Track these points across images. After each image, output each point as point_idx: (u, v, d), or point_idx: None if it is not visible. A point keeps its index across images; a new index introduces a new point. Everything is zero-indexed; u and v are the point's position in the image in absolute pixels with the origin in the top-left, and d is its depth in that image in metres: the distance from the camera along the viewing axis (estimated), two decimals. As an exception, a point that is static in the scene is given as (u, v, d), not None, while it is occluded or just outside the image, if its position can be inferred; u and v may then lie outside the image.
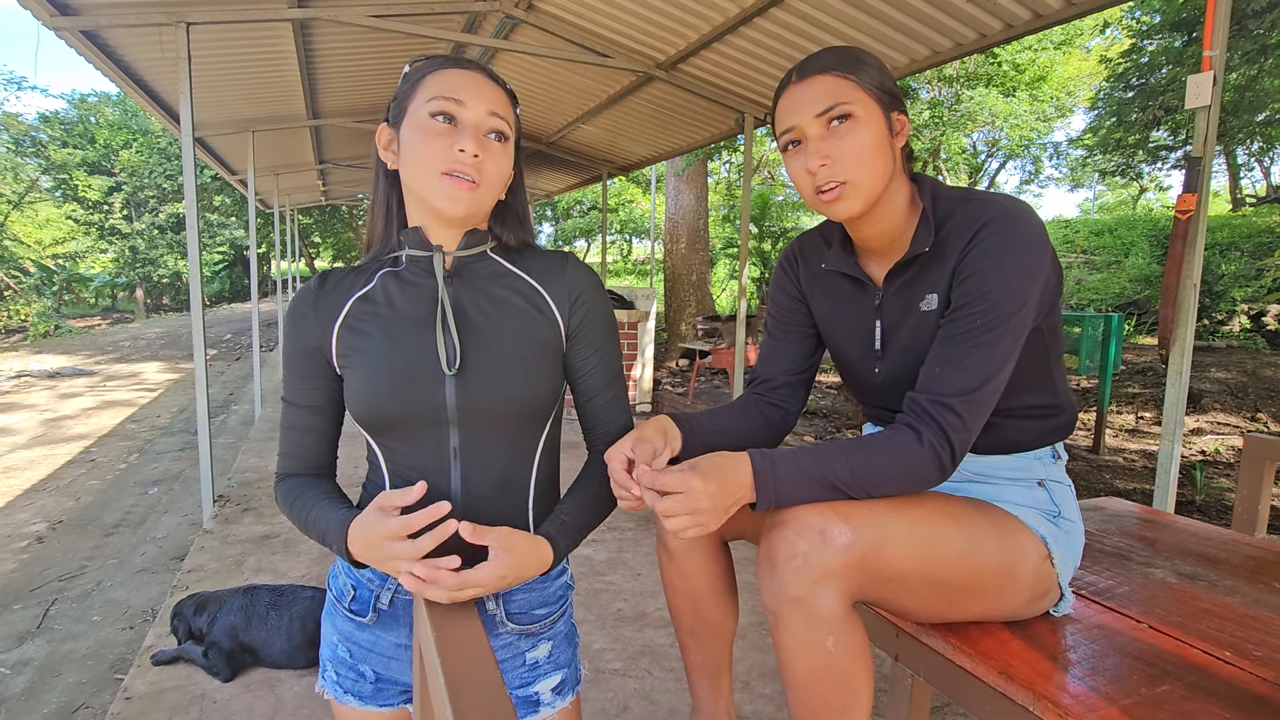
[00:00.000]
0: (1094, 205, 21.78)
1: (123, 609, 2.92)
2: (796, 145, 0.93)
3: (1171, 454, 2.22)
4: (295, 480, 0.86)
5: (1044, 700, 0.83)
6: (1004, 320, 0.85)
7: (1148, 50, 6.95)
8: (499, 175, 0.81)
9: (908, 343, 0.96)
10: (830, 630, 0.81)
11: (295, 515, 0.84)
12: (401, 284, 0.84)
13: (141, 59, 4.02)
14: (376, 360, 0.80)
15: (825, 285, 1.08)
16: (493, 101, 0.80)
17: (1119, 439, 5.11)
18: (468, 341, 0.81)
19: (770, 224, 11.66)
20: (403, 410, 0.80)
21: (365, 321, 0.82)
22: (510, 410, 0.82)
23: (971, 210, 0.90)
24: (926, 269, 0.93)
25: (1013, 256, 0.86)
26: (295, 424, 0.86)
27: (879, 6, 3.15)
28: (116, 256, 21.36)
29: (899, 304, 0.97)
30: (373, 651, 0.86)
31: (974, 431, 0.86)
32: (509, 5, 4.03)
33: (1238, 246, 8.91)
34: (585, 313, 0.87)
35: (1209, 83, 2.08)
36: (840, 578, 0.81)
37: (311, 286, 0.86)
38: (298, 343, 0.84)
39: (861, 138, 0.89)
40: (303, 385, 0.85)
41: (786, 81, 0.94)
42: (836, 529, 0.80)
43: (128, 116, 21.05)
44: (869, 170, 0.89)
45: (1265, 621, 1.01)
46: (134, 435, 6.16)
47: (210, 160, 7.07)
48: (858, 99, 0.89)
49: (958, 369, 0.85)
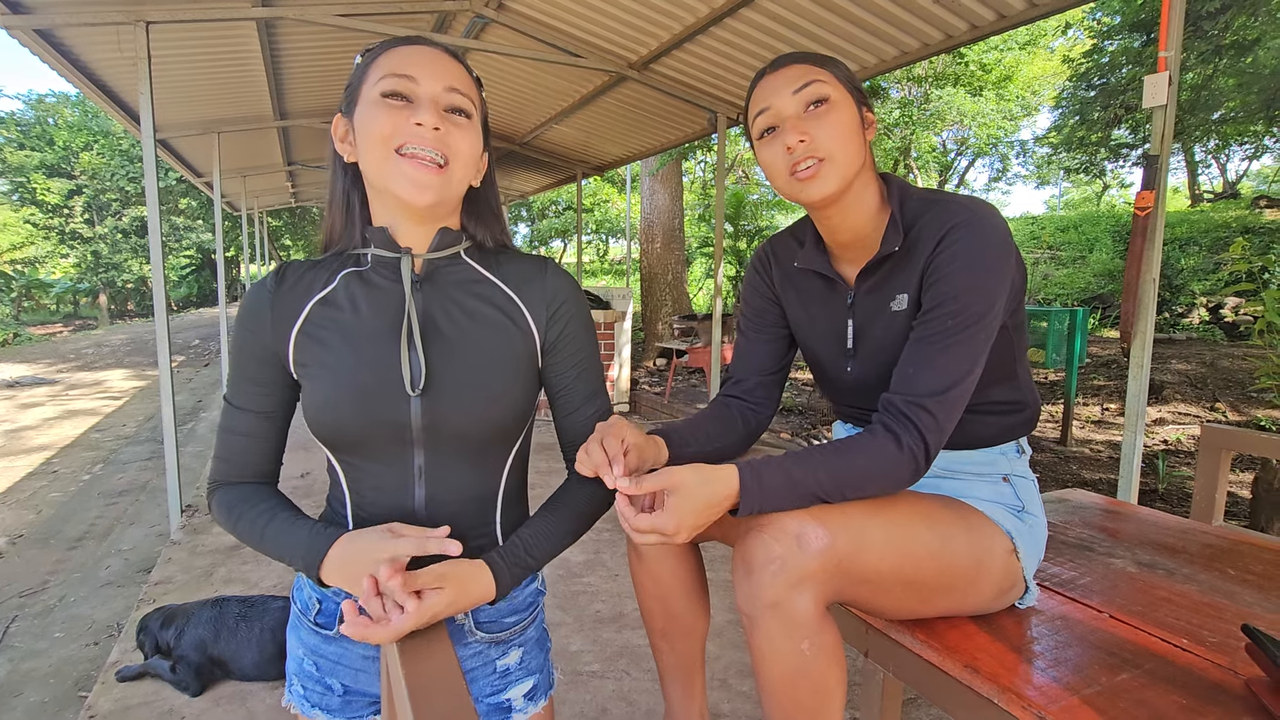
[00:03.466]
0: (1059, 202, 22.27)
1: (87, 624, 2.84)
2: (772, 132, 0.94)
3: (1134, 444, 2.28)
4: (237, 489, 0.80)
5: (1008, 693, 0.84)
6: (974, 321, 0.87)
7: (1108, 50, 7.13)
8: (468, 153, 0.74)
9: (879, 342, 0.98)
10: (806, 634, 0.82)
11: (243, 527, 0.77)
12: (366, 287, 0.78)
13: (99, 59, 3.91)
14: (337, 374, 0.75)
15: (798, 285, 1.09)
16: (450, 77, 0.73)
17: (1085, 430, 5.23)
18: (436, 357, 0.76)
19: (745, 223, 11.72)
20: (364, 429, 0.75)
21: (326, 329, 0.76)
22: (479, 430, 0.78)
23: (938, 213, 0.92)
24: (897, 269, 0.95)
25: (980, 259, 0.88)
26: (239, 428, 0.80)
27: (847, 7, 3.19)
28: (78, 261, 20.78)
29: (870, 303, 0.98)
30: (340, 664, 0.84)
31: (947, 431, 0.87)
32: (479, 4, 4.00)
33: (1196, 241, 9.18)
34: (565, 325, 0.82)
35: (1165, 83, 2.13)
36: (816, 581, 0.81)
37: (268, 284, 0.79)
38: (250, 344, 0.78)
39: (840, 118, 0.91)
40: (252, 389, 0.79)
41: (760, 75, 0.96)
42: (813, 533, 0.81)
43: (88, 118, 20.48)
44: (845, 149, 0.91)
45: (1220, 608, 1.04)
46: (98, 445, 6.00)
47: (174, 162, 6.91)
48: (832, 85, 0.92)
49: (930, 370, 0.87)
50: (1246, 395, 5.48)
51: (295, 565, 0.75)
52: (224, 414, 0.81)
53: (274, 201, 11.72)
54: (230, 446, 0.81)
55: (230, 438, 0.81)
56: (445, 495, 0.79)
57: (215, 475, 0.82)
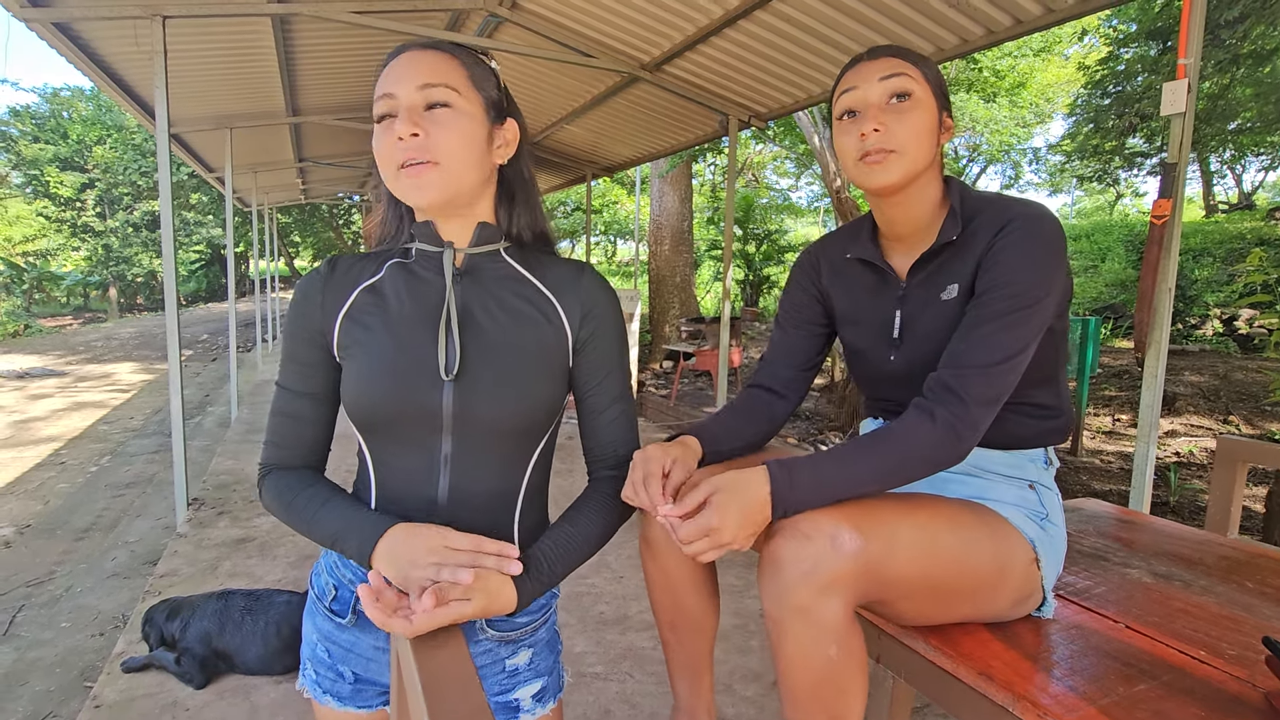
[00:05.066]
0: (1072, 210, 22.15)
1: (92, 615, 2.85)
2: (852, 116, 0.96)
3: (1147, 456, 2.25)
4: (289, 475, 0.81)
5: (1023, 700, 0.83)
6: (1030, 305, 0.89)
7: (1124, 58, 7.08)
8: (459, 142, 0.74)
9: (926, 331, 1.00)
10: (834, 639, 0.81)
11: (296, 510, 0.78)
12: (410, 277, 0.81)
13: (115, 53, 3.94)
14: (375, 356, 0.77)
15: (846, 277, 1.11)
16: (425, 73, 0.74)
17: (1096, 441, 5.19)
18: (471, 347, 0.78)
19: (754, 226, 11.72)
20: (396, 411, 0.77)
21: (369, 314, 0.79)
22: (508, 422, 0.79)
23: (998, 208, 0.95)
24: (952, 260, 0.98)
25: (1039, 250, 0.90)
26: (290, 411, 0.82)
27: (862, 10, 3.18)
28: (89, 255, 20.93)
29: (922, 294, 1.00)
30: (351, 652, 0.84)
31: (993, 406, 0.88)
32: (493, 4, 4.01)
33: (1210, 252, 9.11)
34: (597, 326, 0.84)
35: (1184, 90, 2.11)
36: (846, 585, 0.80)
37: (321, 272, 0.83)
38: (300, 328, 0.81)
39: (917, 116, 0.94)
40: (302, 371, 0.81)
41: (854, 61, 0.99)
42: (846, 535, 0.80)
43: (101, 111, 20.65)
44: (918, 147, 0.94)
45: (1238, 621, 1.03)
46: (106, 437, 6.04)
47: (186, 157, 6.96)
48: (919, 83, 0.95)
49: (982, 345, 0.89)
50: (1260, 408, 5.43)
51: (348, 547, 0.75)
52: (275, 399, 0.84)
53: (284, 198, 11.78)
54: (281, 430, 0.83)
55: (281, 420, 0.83)
56: (468, 486, 0.80)
57: (267, 459, 0.84)
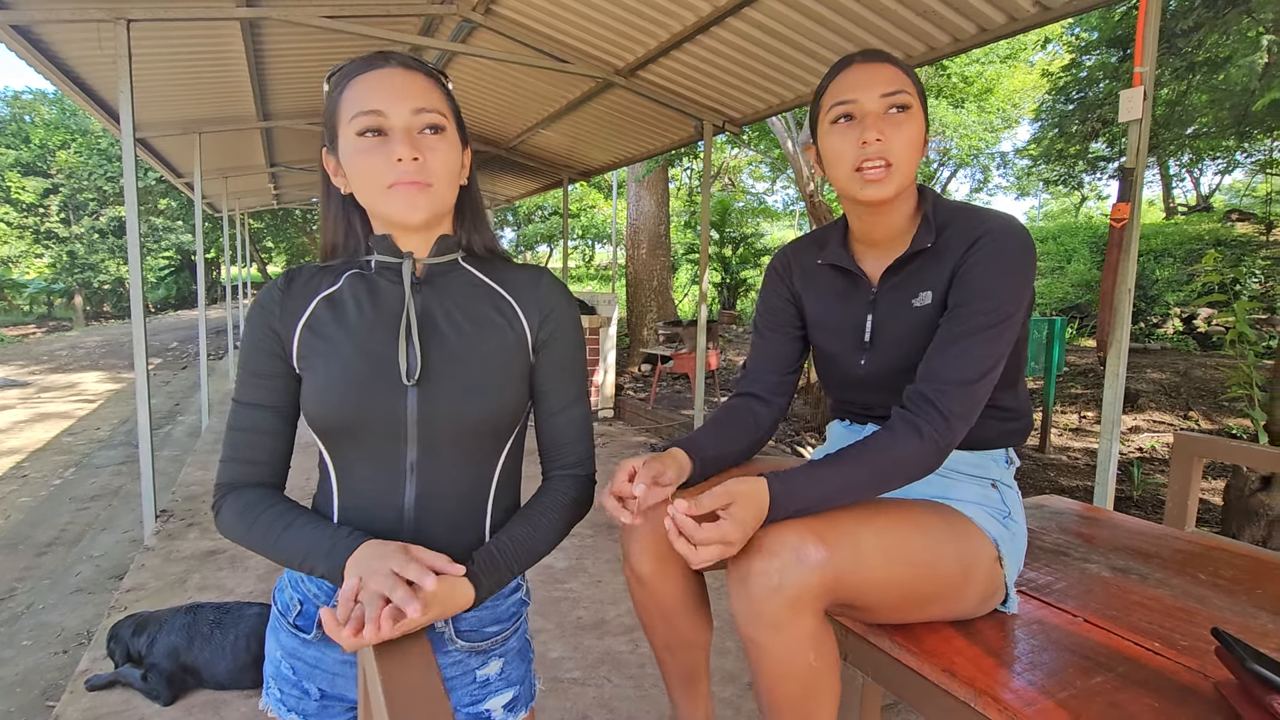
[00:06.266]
0: (1039, 213, 22.62)
1: (55, 632, 2.77)
2: (849, 120, 0.96)
3: (1110, 452, 2.32)
4: (248, 494, 0.79)
5: (985, 696, 0.85)
6: (1004, 319, 0.92)
7: (1086, 65, 7.26)
8: (447, 167, 0.78)
9: (896, 336, 1.01)
10: (812, 647, 0.83)
11: (256, 533, 0.76)
12: (369, 287, 0.82)
13: (78, 56, 3.85)
14: (336, 364, 0.77)
15: (818, 282, 1.12)
16: (415, 97, 0.76)
17: (1063, 438, 5.30)
18: (434, 352, 0.79)
19: (731, 230, 11.79)
20: (358, 419, 0.76)
21: (328, 324, 0.79)
22: (473, 426, 0.79)
23: (971, 219, 0.98)
24: (925, 267, 0.99)
25: (1012, 264, 0.93)
26: (248, 426, 0.80)
27: (833, 18, 3.23)
28: (53, 261, 20.36)
29: (893, 299, 1.02)
30: (317, 668, 0.83)
31: (971, 419, 0.91)
32: (466, 9, 3.99)
33: (1170, 253, 9.37)
34: (555, 327, 0.85)
35: (1140, 97, 2.18)
36: (815, 595, 0.82)
37: (279, 284, 0.82)
38: (258, 340, 0.80)
39: (913, 130, 0.96)
40: (260, 384, 0.80)
41: (849, 61, 0.99)
42: (811, 547, 0.81)
43: (65, 115, 20.13)
44: (911, 161, 0.96)
45: (1191, 612, 1.06)
46: (71, 449, 5.88)
47: (154, 162, 6.81)
48: (914, 96, 0.97)
49: (961, 360, 0.91)
50: (1218, 404, 5.59)
51: (317, 566, 0.74)
52: (232, 415, 0.82)
53: (256, 203, 11.58)
54: (239, 446, 0.80)
55: (239, 436, 0.80)
56: (436, 491, 0.80)
57: (223, 478, 0.81)
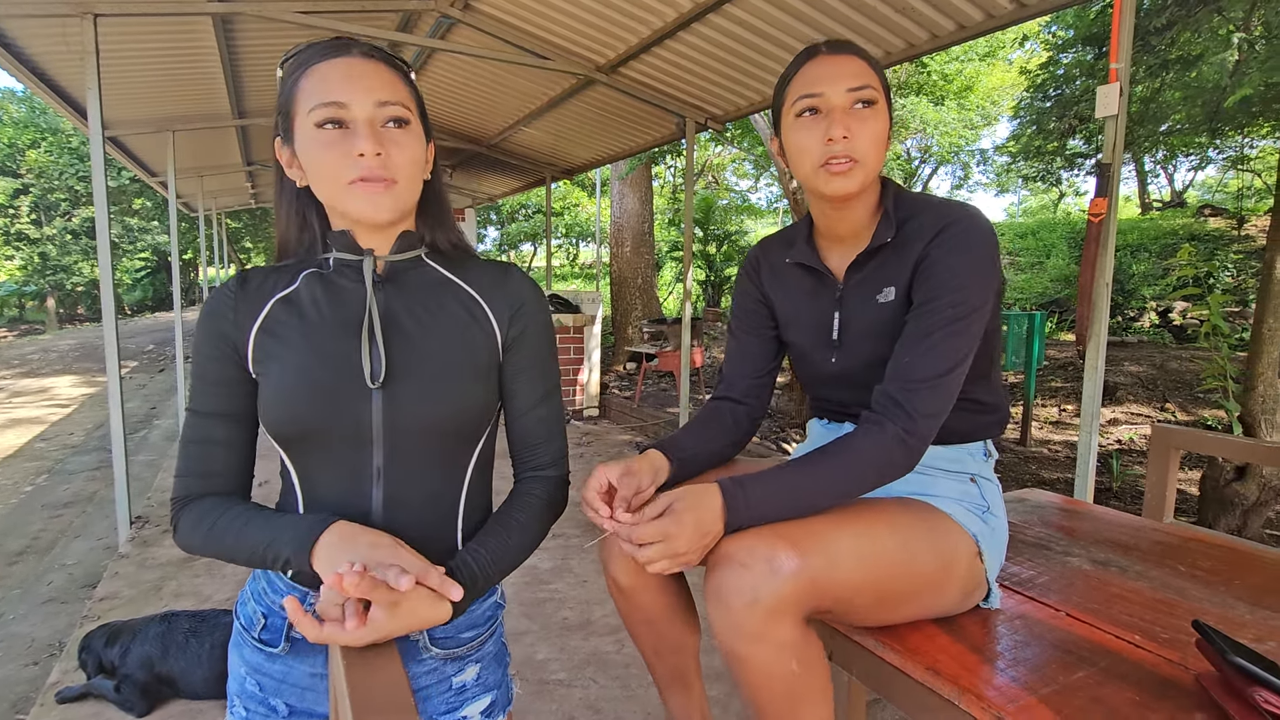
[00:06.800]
0: (1019, 209, 22.88)
1: (26, 643, 2.70)
2: (814, 114, 0.94)
3: (1090, 445, 2.34)
4: (207, 500, 0.75)
5: (968, 694, 0.84)
6: (970, 313, 0.91)
7: (1063, 63, 7.35)
8: (410, 163, 0.74)
9: (864, 333, 1.00)
10: (794, 655, 0.82)
11: (216, 534, 0.72)
12: (328, 286, 0.78)
13: (44, 52, 3.76)
14: (294, 368, 0.73)
15: (786, 280, 1.11)
16: (378, 89, 0.72)
17: (1044, 431, 5.37)
18: (398, 353, 0.75)
19: (714, 227, 11.80)
20: (320, 425, 0.73)
21: (285, 326, 0.75)
22: (441, 428, 0.76)
23: (932, 212, 0.96)
24: (887, 262, 0.98)
25: (975, 256, 0.92)
26: (205, 436, 0.76)
27: (814, 15, 3.23)
28: (24, 264, 19.92)
29: (859, 295, 1.01)
30: (285, 683, 0.80)
31: (941, 415, 0.90)
32: (444, 5, 3.94)
33: (1146, 248, 9.52)
34: (525, 324, 0.82)
35: (1116, 93, 2.20)
36: (792, 603, 0.81)
37: (230, 287, 0.78)
38: (211, 346, 0.76)
39: (879, 125, 0.94)
40: (216, 391, 0.76)
41: (814, 51, 0.96)
42: (783, 556, 0.80)
43: (35, 114, 19.68)
44: (877, 157, 0.94)
45: (1171, 604, 1.06)
46: (43, 455, 5.75)
47: (126, 161, 6.68)
48: (880, 91, 0.95)
49: (928, 357, 0.90)
50: (1194, 396, 5.69)
51: (282, 552, 0.70)
52: (186, 426, 0.77)
53: (233, 202, 11.40)
54: (195, 459, 0.76)
55: (195, 449, 0.76)
56: (404, 496, 0.77)
57: (180, 492, 0.76)
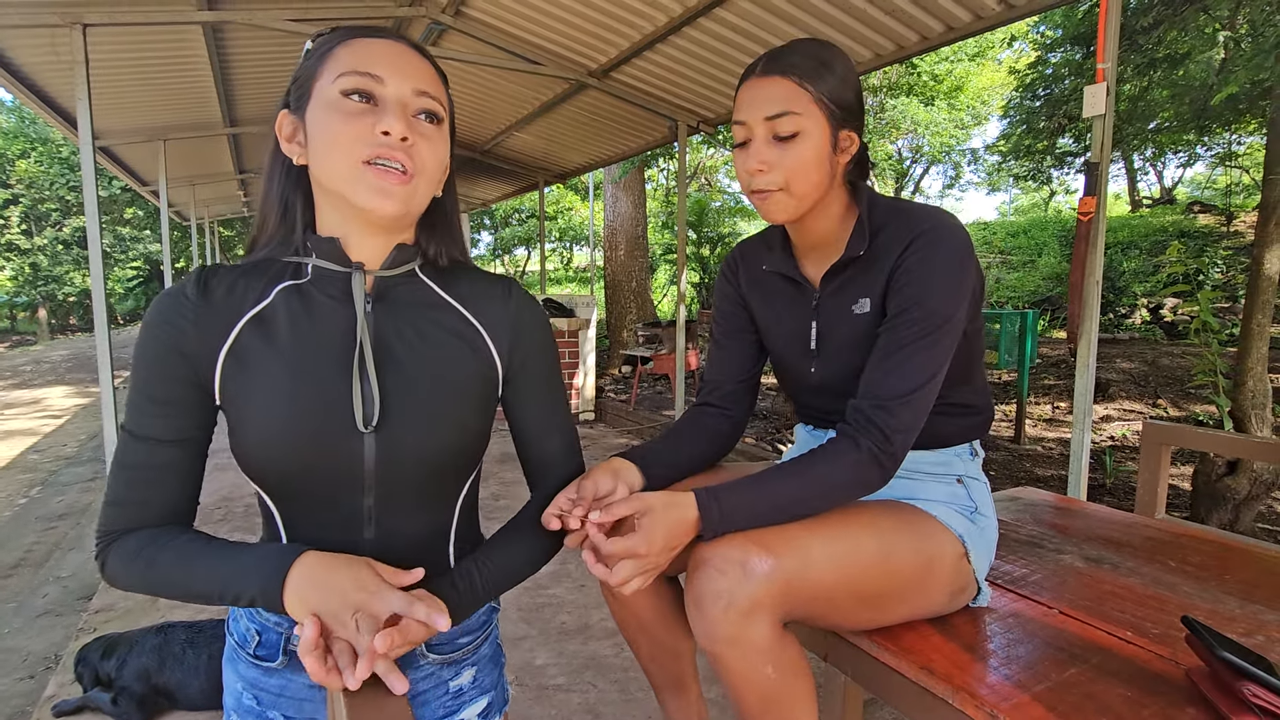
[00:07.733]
0: (1010, 208, 23.00)
1: (21, 657, 2.68)
2: (743, 147, 0.95)
3: (1082, 443, 2.35)
4: (142, 533, 0.66)
5: (962, 692, 0.85)
6: (940, 325, 0.90)
7: (1051, 62, 7.40)
8: (435, 163, 0.67)
9: (841, 344, 1.00)
10: (768, 659, 0.83)
11: (159, 569, 0.64)
12: (307, 304, 0.69)
13: (34, 62, 3.76)
14: (275, 408, 0.65)
15: (764, 287, 1.10)
16: (419, 77, 0.66)
17: (1038, 428, 5.39)
18: (391, 388, 0.68)
19: (708, 230, 11.81)
20: (305, 468, 0.67)
21: (260, 354, 0.66)
22: (436, 466, 0.72)
23: (904, 221, 0.94)
24: (861, 273, 0.97)
25: (945, 266, 0.90)
26: (145, 463, 0.66)
27: (803, 18, 3.25)
28: (15, 274, 19.79)
29: (834, 305, 1.01)
30: (283, 696, 0.80)
31: (914, 431, 0.89)
32: (435, 10, 3.96)
33: (1136, 245, 9.59)
34: (528, 353, 0.77)
35: (1103, 93, 2.22)
36: (767, 606, 0.82)
37: (188, 293, 0.66)
38: (162, 363, 0.65)
39: (801, 152, 0.90)
40: (164, 412, 0.66)
41: (752, 69, 0.94)
42: (756, 559, 0.81)
43: (25, 124, 19.58)
44: (802, 183, 0.91)
45: (1162, 600, 1.08)
46: (36, 466, 5.71)
47: (118, 170, 6.67)
48: (808, 111, 0.90)
49: (898, 373, 0.89)
50: (1185, 391, 5.73)
51: (246, 589, 0.63)
52: (122, 448, 0.67)
53: (225, 211, 11.39)
54: (132, 487, 0.66)
55: (132, 476, 0.66)
56: (397, 531, 0.73)
57: (108, 524, 0.67)
